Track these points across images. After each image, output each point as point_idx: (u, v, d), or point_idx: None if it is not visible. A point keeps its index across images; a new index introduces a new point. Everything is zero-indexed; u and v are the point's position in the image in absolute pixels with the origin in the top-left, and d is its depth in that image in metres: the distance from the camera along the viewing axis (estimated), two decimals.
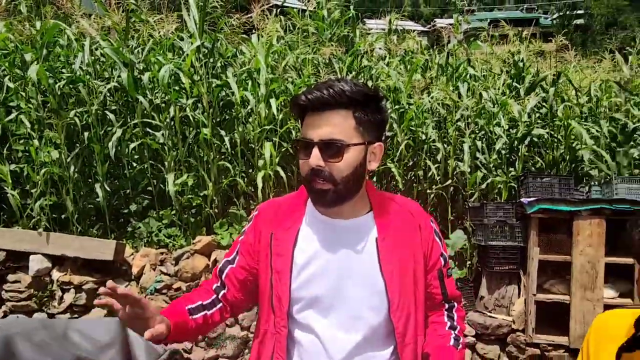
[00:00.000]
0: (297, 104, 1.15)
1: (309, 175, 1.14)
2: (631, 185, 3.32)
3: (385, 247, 1.19)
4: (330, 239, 1.20)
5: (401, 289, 1.18)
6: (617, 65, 5.47)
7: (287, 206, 1.28)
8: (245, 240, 1.29)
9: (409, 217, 1.28)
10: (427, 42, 7.48)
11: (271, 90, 4.08)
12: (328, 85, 1.11)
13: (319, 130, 1.12)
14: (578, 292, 3.19)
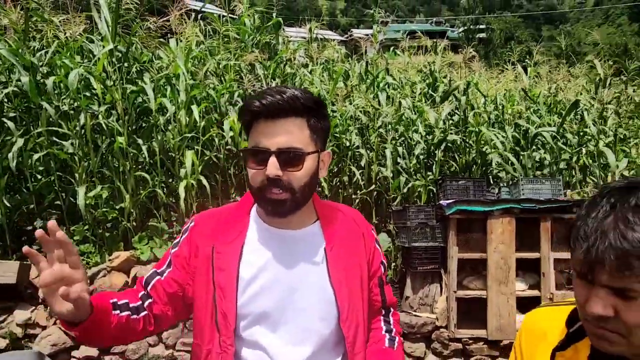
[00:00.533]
0: (250, 110, 1.09)
1: (264, 185, 1.09)
2: (535, 185, 3.62)
3: (334, 256, 1.17)
4: (278, 250, 1.16)
5: (350, 298, 1.16)
6: (519, 76, 5.98)
7: (228, 218, 1.21)
8: (179, 253, 1.20)
9: (353, 226, 1.27)
10: (345, 51, 7.66)
11: (192, 96, 3.94)
12: (279, 91, 1.08)
13: (276, 138, 1.07)
14: (493, 286, 3.41)
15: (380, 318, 1.34)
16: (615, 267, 0.73)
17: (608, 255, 0.73)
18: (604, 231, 0.75)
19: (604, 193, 0.80)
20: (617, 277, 0.73)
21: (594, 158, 4.41)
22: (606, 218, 0.76)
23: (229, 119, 3.77)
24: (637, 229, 0.72)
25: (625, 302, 0.74)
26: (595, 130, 4.32)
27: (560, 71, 6.35)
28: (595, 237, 0.75)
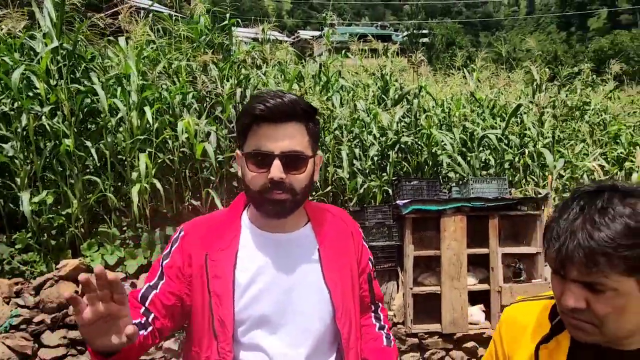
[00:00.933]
0: (253, 114, 1.09)
1: (266, 188, 1.10)
2: (483, 185, 3.82)
3: (327, 256, 1.20)
4: (273, 254, 1.18)
5: (343, 295, 1.20)
6: (464, 80, 6.27)
7: (219, 224, 1.21)
8: (172, 264, 1.18)
9: (342, 225, 1.30)
10: (295, 52, 7.70)
11: (144, 97, 3.82)
12: (279, 95, 1.09)
13: (279, 142, 1.09)
14: (447, 282, 3.55)
15: (370, 314, 1.38)
16: (584, 264, 0.81)
17: (577, 253, 0.81)
18: (573, 231, 0.83)
19: (575, 196, 0.88)
20: (586, 273, 0.81)
21: (534, 158, 4.70)
22: (576, 220, 0.84)
23: (183, 120, 3.69)
24: (603, 229, 0.80)
25: (595, 295, 0.83)
26: (535, 132, 4.60)
27: (500, 76, 6.73)
28: (566, 237, 0.83)
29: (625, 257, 0.79)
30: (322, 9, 14.28)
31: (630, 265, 0.79)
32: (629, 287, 0.81)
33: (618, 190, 0.85)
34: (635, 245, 0.79)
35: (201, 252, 1.16)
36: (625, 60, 6.97)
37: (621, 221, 0.80)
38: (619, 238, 0.79)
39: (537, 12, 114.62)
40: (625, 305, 0.82)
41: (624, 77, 9.64)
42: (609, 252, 0.79)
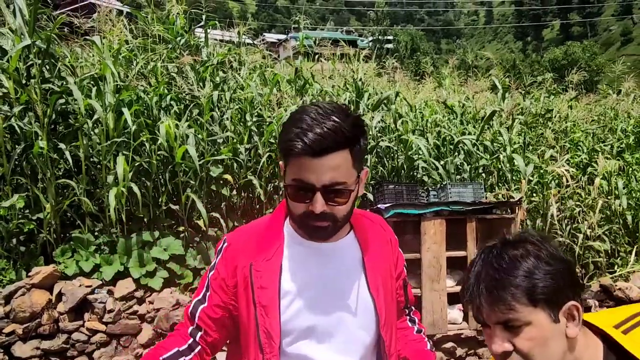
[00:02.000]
0: (292, 150, 1.02)
1: (307, 216, 1.07)
2: (460, 189, 3.92)
3: (370, 264, 1.20)
4: (317, 264, 1.16)
5: (386, 304, 1.19)
6: (435, 86, 6.43)
7: (262, 234, 1.19)
8: (217, 276, 1.16)
9: (381, 232, 1.30)
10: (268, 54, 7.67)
11: (121, 99, 3.72)
12: (320, 123, 1.01)
13: (321, 176, 1.03)
14: (427, 284, 3.63)
15: (405, 317, 1.40)
16: (491, 304, 0.91)
17: (485, 297, 0.92)
18: (478, 281, 0.94)
19: (479, 253, 1.01)
20: (497, 313, 0.91)
21: (505, 164, 4.88)
22: (479, 271, 0.96)
23: (164, 123, 3.61)
24: (500, 270, 0.92)
25: (515, 334, 0.92)
26: (507, 138, 4.78)
27: (468, 83, 6.94)
28: (474, 288, 0.94)
29: (525, 290, 0.89)
30: (287, 12, 14.29)
31: (532, 297, 0.89)
32: (541, 318, 0.90)
33: (507, 240, 0.99)
34: (528, 276, 0.90)
35: (246, 263, 1.14)
36: (578, 70, 7.38)
37: (514, 260, 0.93)
38: (514, 272, 0.91)
39: (495, 22, 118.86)
40: (543, 336, 0.91)
41: (581, 86, 10.15)
42: (509, 287, 0.90)
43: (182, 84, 4.15)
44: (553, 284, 0.91)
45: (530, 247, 0.96)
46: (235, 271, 1.15)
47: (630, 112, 7.29)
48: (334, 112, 1.04)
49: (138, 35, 4.62)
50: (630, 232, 5.05)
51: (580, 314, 0.96)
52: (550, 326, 0.91)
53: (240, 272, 1.14)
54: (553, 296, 0.91)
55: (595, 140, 6.43)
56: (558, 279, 0.93)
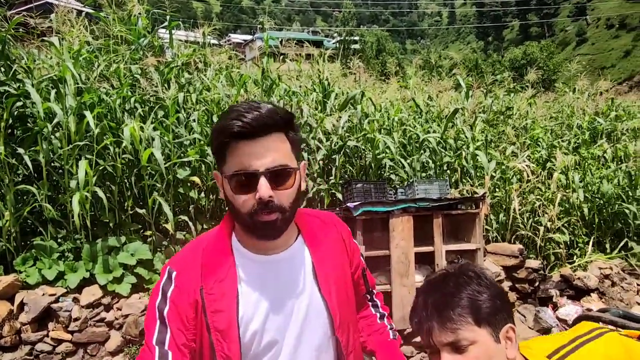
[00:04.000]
0: (230, 131, 1.00)
1: (255, 209, 1.03)
2: (427, 186, 4.01)
3: (321, 269, 1.18)
4: (270, 278, 1.12)
5: (340, 305, 1.18)
6: (400, 86, 6.54)
7: (211, 254, 1.12)
8: (174, 310, 1.06)
9: (333, 230, 1.27)
10: (234, 54, 7.61)
11: (82, 102, 3.62)
12: (255, 107, 1.02)
13: (263, 159, 1.01)
14: (396, 280, 3.70)
15: (368, 304, 1.41)
16: (440, 324, 0.99)
17: (433, 318, 1.00)
18: (426, 305, 1.03)
19: (424, 281, 1.12)
20: (446, 333, 0.99)
21: (468, 160, 5.02)
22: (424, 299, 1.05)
23: (129, 126, 3.54)
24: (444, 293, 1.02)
25: (463, 355, 0.98)
26: (470, 135, 4.91)
27: (432, 83, 7.10)
28: (423, 313, 1.03)
29: (470, 309, 0.98)
30: (252, 13, 14.18)
31: (476, 317, 0.98)
32: (485, 337, 0.98)
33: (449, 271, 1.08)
34: (470, 296, 1.00)
35: (196, 286, 1.07)
36: (536, 69, 7.71)
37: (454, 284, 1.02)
38: (457, 293, 1.00)
39: (458, 23, 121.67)
40: (488, 355, 0.99)
41: (539, 84, 10.54)
42: (457, 307, 0.98)
43: (146, 86, 4.08)
44: (494, 305, 1.01)
45: (472, 275, 1.05)
46: (193, 299, 1.07)
47: (585, 109, 7.63)
48: (264, 103, 1.06)
49: (99, 36, 4.51)
50: (587, 224, 5.29)
51: (516, 335, 1.06)
52: (493, 345, 0.99)
53: (193, 298, 1.07)
54: (494, 316, 1.01)
55: (553, 136, 6.70)
56: (497, 302, 1.03)
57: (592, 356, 1.04)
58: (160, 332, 1.05)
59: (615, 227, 5.31)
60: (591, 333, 1.11)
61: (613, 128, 6.81)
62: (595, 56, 68.87)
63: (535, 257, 4.73)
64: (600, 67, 58.52)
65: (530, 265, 4.35)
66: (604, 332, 1.10)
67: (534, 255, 4.76)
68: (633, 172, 5.44)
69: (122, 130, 3.67)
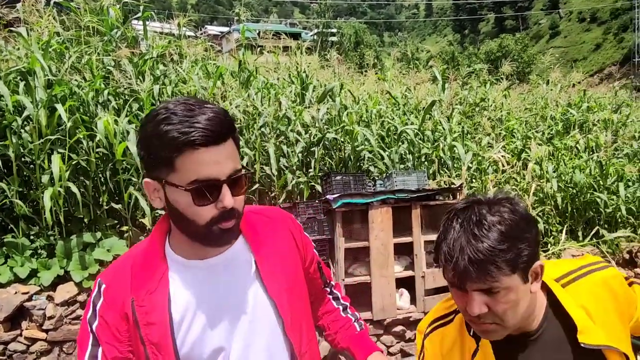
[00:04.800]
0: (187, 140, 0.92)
1: (215, 218, 0.99)
2: (405, 177, 4.05)
3: (265, 267, 1.12)
4: (208, 284, 1.07)
5: (291, 304, 1.14)
6: (378, 78, 6.56)
7: (142, 264, 1.07)
8: (104, 325, 1.03)
9: (279, 227, 1.22)
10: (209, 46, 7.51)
11: (53, 94, 3.52)
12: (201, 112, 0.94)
13: (223, 167, 0.97)
14: (376, 271, 3.73)
15: (328, 298, 1.39)
16: (478, 275, 0.96)
17: (470, 267, 0.96)
18: (462, 248, 0.97)
19: (451, 216, 1.04)
20: (482, 282, 0.96)
21: (445, 152, 5.08)
22: (459, 238, 0.98)
23: (102, 119, 3.46)
24: (485, 240, 0.96)
25: (493, 298, 0.98)
26: (448, 127, 4.97)
27: (409, 75, 7.15)
28: (457, 257, 0.97)
29: (507, 260, 0.95)
30: (228, 4, 13.91)
31: (512, 265, 0.95)
32: (516, 282, 0.98)
33: (483, 202, 1.02)
34: (511, 247, 0.95)
35: (127, 298, 1.03)
36: (511, 61, 7.87)
37: (495, 229, 0.96)
38: (499, 245, 0.95)
39: (435, 16, 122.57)
40: (517, 298, 0.99)
41: (514, 76, 10.72)
42: (495, 260, 0.94)
43: (120, 78, 3.99)
44: (530, 252, 0.98)
45: (506, 212, 0.99)
46: (123, 312, 1.03)
47: (558, 101, 7.79)
48: (202, 102, 0.98)
49: (70, 27, 4.38)
50: (561, 213, 5.42)
51: (543, 271, 1.04)
52: (522, 287, 0.99)
53: (123, 312, 1.03)
54: (529, 262, 0.99)
55: (528, 127, 6.83)
56: (533, 246, 0.99)
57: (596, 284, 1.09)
58: (93, 346, 1.03)
59: (587, 216, 5.46)
60: (599, 264, 1.14)
61: (585, 119, 6.98)
62: (568, 49, 70.39)
63: None
64: (572, 60, 59.85)
65: None
66: (609, 266, 1.14)
67: None
68: (604, 162, 5.59)
69: (95, 123, 3.59)
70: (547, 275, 1.10)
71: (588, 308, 1.05)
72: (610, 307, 1.06)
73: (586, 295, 1.07)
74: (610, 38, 65.16)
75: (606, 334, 1.02)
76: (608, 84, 10.27)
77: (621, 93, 8.87)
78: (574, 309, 1.04)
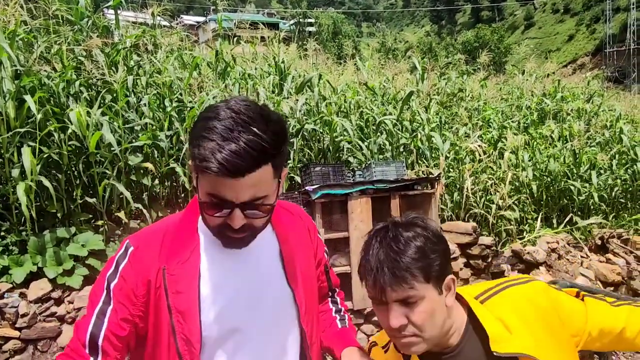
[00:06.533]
0: (205, 171, 0.92)
1: (223, 228, 1.01)
2: (384, 168, 4.06)
3: (288, 257, 1.17)
4: (236, 261, 1.11)
5: (306, 295, 1.18)
6: (356, 69, 6.55)
7: (174, 235, 1.09)
8: (123, 285, 1.04)
9: (299, 222, 1.27)
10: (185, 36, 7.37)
11: (21, 85, 3.40)
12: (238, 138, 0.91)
13: (240, 194, 0.95)
14: (356, 261, 3.73)
15: (328, 300, 1.42)
16: (395, 284, 1.02)
17: (389, 278, 1.02)
18: (381, 261, 1.03)
19: (372, 235, 1.11)
20: (400, 291, 1.02)
21: (423, 142, 5.12)
22: (378, 253, 1.05)
23: (74, 110, 3.36)
24: (400, 253, 1.03)
25: (411, 309, 1.04)
26: (425, 117, 5.00)
27: (387, 65, 7.16)
28: (377, 269, 1.04)
29: (420, 268, 1.02)
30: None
31: (425, 273, 1.02)
32: (431, 292, 1.04)
33: (399, 223, 1.10)
34: (424, 257, 1.03)
35: (157, 266, 1.05)
36: (488, 52, 7.98)
37: (410, 244, 1.04)
38: (413, 255, 1.02)
39: (412, 6, 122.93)
40: (433, 308, 1.04)
41: (490, 67, 10.84)
42: (410, 267, 1.01)
43: (91, 69, 3.88)
44: (441, 263, 1.06)
45: (419, 230, 1.07)
46: (146, 277, 1.04)
47: (533, 91, 7.93)
48: (253, 121, 0.93)
49: (38, 16, 4.23)
50: (536, 201, 5.54)
51: (455, 285, 1.12)
52: (437, 298, 1.05)
53: (151, 276, 1.05)
54: (441, 272, 1.06)
55: (504, 117, 6.93)
56: (443, 257, 1.07)
57: (514, 297, 1.13)
58: (105, 303, 1.04)
59: (562, 203, 5.59)
60: (519, 279, 1.19)
61: (559, 109, 7.12)
62: (542, 40, 71.58)
63: (488, 234, 4.91)
64: (547, 50, 60.86)
65: (483, 242, 4.51)
66: (531, 280, 1.18)
67: (487, 232, 4.94)
68: (577, 150, 5.72)
69: (67, 115, 3.48)
70: (468, 294, 1.17)
71: (504, 319, 1.09)
72: (531, 317, 1.09)
73: (503, 307, 1.12)
74: (583, 29, 66.52)
75: (523, 343, 1.06)
76: (581, 74, 10.49)
77: (593, 83, 9.07)
78: (490, 321, 1.09)
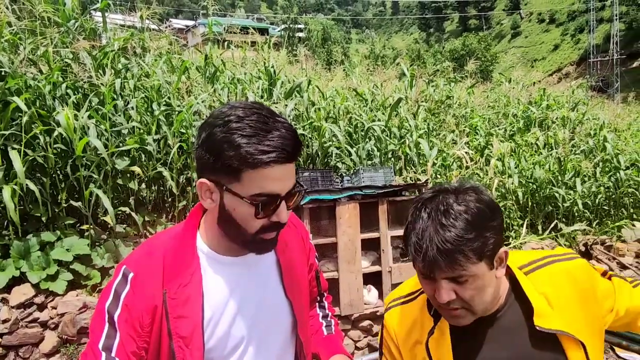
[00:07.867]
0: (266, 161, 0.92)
1: (264, 229, 1.00)
2: (372, 174, 4.08)
3: (286, 268, 1.17)
4: (237, 280, 1.09)
5: (302, 306, 1.18)
6: (345, 75, 6.59)
7: (174, 256, 1.04)
8: (127, 316, 0.97)
9: (293, 230, 1.26)
10: (174, 40, 7.34)
11: (6, 87, 3.35)
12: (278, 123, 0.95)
13: (287, 182, 0.97)
14: (343, 266, 3.75)
15: (315, 305, 1.41)
16: (447, 265, 0.98)
17: (439, 257, 0.98)
18: (431, 238, 0.98)
19: (419, 206, 1.05)
20: (450, 271, 0.99)
21: (411, 148, 5.15)
22: (428, 228, 1.00)
23: (62, 113, 3.33)
24: (452, 230, 0.98)
25: (460, 285, 1.02)
26: (414, 124, 5.04)
27: (376, 72, 7.20)
28: (426, 246, 0.99)
29: (474, 249, 0.97)
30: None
31: (478, 253, 0.98)
32: (483, 270, 1.00)
33: (449, 191, 1.04)
34: (477, 236, 0.97)
35: (158, 290, 1.00)
36: (475, 60, 8.09)
37: (462, 218, 0.97)
38: (466, 234, 0.96)
39: (401, 13, 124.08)
40: (483, 284, 1.02)
41: (477, 74, 10.98)
42: (462, 249, 0.96)
43: (79, 72, 3.84)
44: (495, 240, 1.00)
45: (472, 202, 1.00)
46: (152, 304, 0.99)
47: (519, 99, 8.03)
48: (274, 113, 0.98)
49: (24, 17, 4.18)
50: (522, 207, 5.60)
51: (507, 257, 1.08)
52: (488, 274, 1.02)
53: (153, 301, 0.99)
54: (494, 250, 1.01)
55: (490, 124, 7.02)
56: (498, 233, 1.01)
57: (558, 273, 1.11)
58: (109, 337, 0.96)
59: (547, 210, 5.66)
60: (565, 255, 1.17)
61: (545, 117, 7.23)
62: (528, 49, 72.68)
63: None
64: (532, 59, 61.80)
65: None
66: (576, 257, 1.17)
67: None
68: (562, 158, 5.80)
69: (53, 118, 3.44)
70: (512, 262, 1.14)
71: (547, 295, 1.08)
72: (571, 295, 1.09)
73: (546, 282, 1.10)
74: (568, 39, 67.68)
75: (563, 321, 1.06)
76: (566, 83, 10.66)
77: (578, 92, 9.22)
78: (534, 294, 1.08)
